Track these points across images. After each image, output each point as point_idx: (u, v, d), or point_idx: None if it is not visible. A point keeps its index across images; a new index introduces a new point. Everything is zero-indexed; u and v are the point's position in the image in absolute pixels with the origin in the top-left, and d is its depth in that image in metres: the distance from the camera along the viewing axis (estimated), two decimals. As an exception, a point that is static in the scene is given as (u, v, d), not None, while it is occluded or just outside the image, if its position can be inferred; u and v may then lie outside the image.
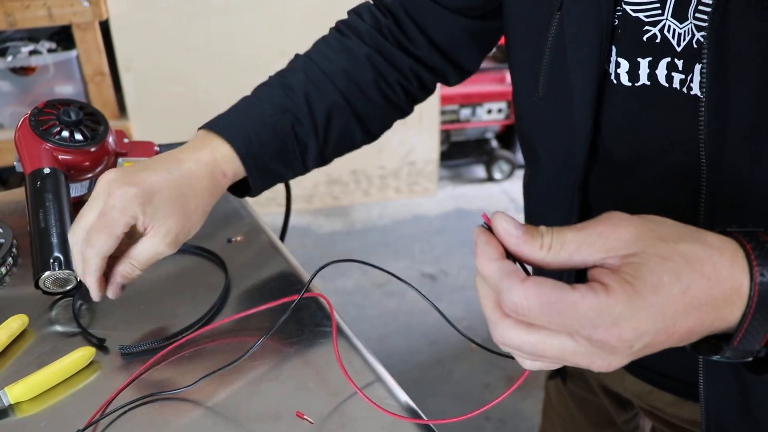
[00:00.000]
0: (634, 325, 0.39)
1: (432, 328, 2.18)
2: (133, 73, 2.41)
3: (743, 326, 0.41)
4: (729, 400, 0.61)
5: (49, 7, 2.13)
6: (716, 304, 0.41)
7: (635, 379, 0.75)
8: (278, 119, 0.72)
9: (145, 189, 0.63)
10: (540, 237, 0.41)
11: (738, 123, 0.51)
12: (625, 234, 0.41)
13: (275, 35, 2.47)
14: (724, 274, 0.41)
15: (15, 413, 0.60)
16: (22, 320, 0.69)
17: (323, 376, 0.64)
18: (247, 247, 0.84)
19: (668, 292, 0.39)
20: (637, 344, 0.40)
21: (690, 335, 0.41)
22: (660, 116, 0.58)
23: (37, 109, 0.83)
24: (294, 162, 0.76)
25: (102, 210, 0.63)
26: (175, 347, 0.67)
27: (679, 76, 0.55)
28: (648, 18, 0.56)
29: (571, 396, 0.90)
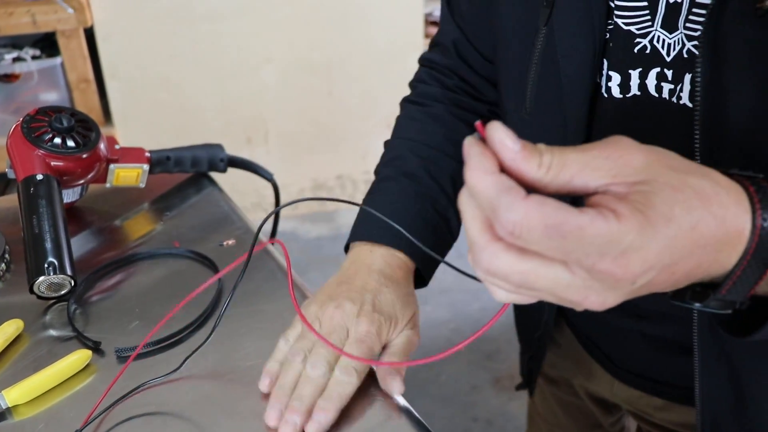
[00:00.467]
0: (644, 257, 0.36)
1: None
2: (118, 80, 2.41)
3: (736, 272, 0.40)
4: (724, 402, 0.62)
5: (33, 14, 2.13)
6: (718, 246, 0.39)
7: (625, 386, 0.76)
8: (420, 208, 0.71)
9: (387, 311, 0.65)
10: (539, 155, 0.37)
11: (734, 132, 0.50)
12: (634, 160, 0.37)
13: (261, 42, 2.48)
14: (730, 214, 0.38)
15: (13, 416, 0.61)
16: (18, 324, 0.69)
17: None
18: (238, 251, 0.85)
19: (679, 225, 0.37)
20: (641, 279, 0.37)
21: (687, 277, 0.39)
22: (650, 127, 0.58)
23: (29, 116, 0.84)
24: (445, 238, 0.74)
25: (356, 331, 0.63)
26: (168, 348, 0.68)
27: (668, 86, 0.56)
28: (639, 30, 0.56)
29: (556, 400, 0.91)
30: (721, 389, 0.61)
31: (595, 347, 0.79)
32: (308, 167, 2.78)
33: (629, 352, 0.75)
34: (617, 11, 0.57)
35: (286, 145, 2.70)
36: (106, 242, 0.87)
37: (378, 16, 2.57)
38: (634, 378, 0.75)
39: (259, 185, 2.68)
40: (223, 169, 1.01)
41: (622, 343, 0.75)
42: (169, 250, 0.84)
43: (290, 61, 2.55)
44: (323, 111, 2.62)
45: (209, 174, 1.02)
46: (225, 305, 0.66)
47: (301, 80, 2.60)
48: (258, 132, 2.65)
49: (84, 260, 0.82)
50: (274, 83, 2.57)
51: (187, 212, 0.94)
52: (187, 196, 0.97)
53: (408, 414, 0.62)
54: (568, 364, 0.85)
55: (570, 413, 0.90)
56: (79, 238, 0.87)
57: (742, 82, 0.49)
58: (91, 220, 0.91)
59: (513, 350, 2.11)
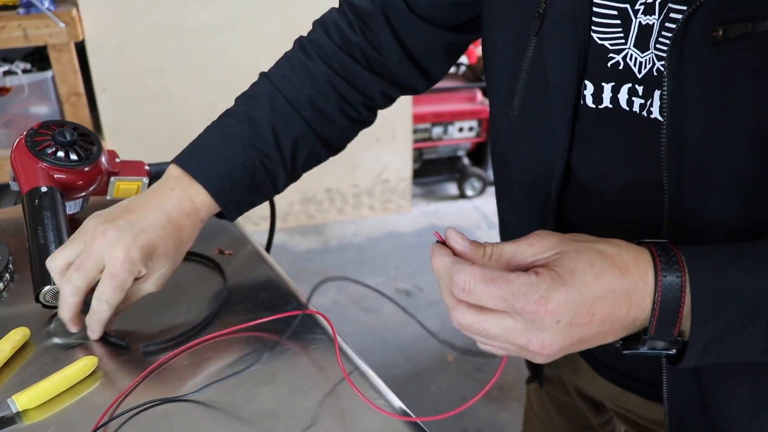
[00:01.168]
0: (557, 298, 0.48)
1: (408, 343, 2.22)
2: (109, 94, 2.43)
3: (654, 315, 0.50)
4: (689, 401, 0.65)
5: (24, 28, 2.15)
6: (628, 290, 0.50)
7: (605, 381, 0.79)
8: (247, 157, 0.77)
9: (148, 249, 0.70)
10: (483, 248, 0.52)
11: (692, 145, 0.56)
12: (548, 242, 0.51)
13: (251, 55, 2.51)
14: (630, 265, 0.50)
15: (23, 420, 0.63)
16: (24, 332, 0.71)
17: (316, 380, 0.68)
18: (236, 260, 0.87)
19: (583, 275, 0.49)
20: (562, 318, 0.48)
21: (612, 320, 0.50)
22: (623, 137, 0.62)
23: (33, 130, 0.86)
24: (265, 190, 0.81)
25: (111, 265, 0.68)
26: (178, 353, 0.70)
27: (638, 100, 0.60)
28: (612, 46, 0.61)
29: (551, 399, 0.94)
30: (687, 388, 0.65)
31: None
32: (297, 181, 2.81)
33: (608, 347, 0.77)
34: (593, 26, 0.61)
35: (276, 158, 2.73)
36: (107, 253, 0.89)
37: (366, 32, 2.61)
38: (613, 373, 0.78)
39: (248, 198, 2.71)
40: (220, 182, 1.03)
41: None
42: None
43: (280, 75, 2.58)
44: (312, 125, 2.66)
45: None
46: (266, 354, 0.68)
47: (290, 94, 2.63)
48: (247, 145, 2.68)
49: (86, 270, 0.84)
50: (264, 97, 2.60)
51: (186, 224, 0.96)
52: (186, 208, 0.99)
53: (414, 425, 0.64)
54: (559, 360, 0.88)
55: (563, 413, 0.92)
56: (80, 248, 0.88)
57: (697, 101, 0.54)
58: (91, 232, 0.93)
59: (501, 361, 2.13)
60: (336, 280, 0.77)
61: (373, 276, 2.51)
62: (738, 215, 0.56)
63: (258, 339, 0.73)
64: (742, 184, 0.55)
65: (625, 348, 0.53)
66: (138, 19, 2.35)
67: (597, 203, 0.68)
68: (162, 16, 2.37)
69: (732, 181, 0.55)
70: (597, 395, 0.83)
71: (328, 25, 0.83)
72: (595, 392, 0.83)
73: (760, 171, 0.54)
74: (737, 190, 0.55)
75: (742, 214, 0.56)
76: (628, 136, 0.62)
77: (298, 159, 0.81)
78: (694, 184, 0.57)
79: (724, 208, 0.56)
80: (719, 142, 0.54)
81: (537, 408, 0.97)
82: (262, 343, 0.72)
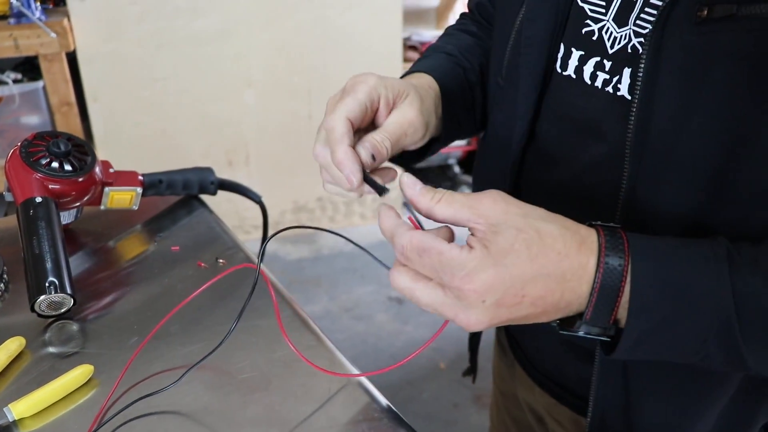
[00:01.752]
0: (483, 278, 0.47)
1: (400, 350, 2.22)
2: (100, 104, 2.44)
3: (591, 301, 0.49)
4: (615, 400, 0.65)
5: (15, 38, 2.15)
6: (564, 276, 0.49)
7: (542, 391, 0.79)
8: (453, 67, 0.76)
9: (382, 77, 0.63)
10: (433, 192, 0.51)
11: (659, 126, 0.55)
12: (497, 207, 0.49)
13: (242, 66, 2.53)
14: (572, 250, 0.49)
15: (19, 429, 0.63)
16: (20, 341, 0.72)
17: (310, 386, 0.69)
18: (230, 267, 0.88)
19: (516, 256, 0.48)
20: (488, 298, 0.47)
21: (544, 303, 0.49)
22: (586, 111, 0.61)
23: (27, 141, 0.87)
24: (469, 109, 0.77)
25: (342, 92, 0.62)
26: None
27: (603, 75, 0.59)
28: (591, 12, 0.60)
29: (508, 414, 0.93)
30: (614, 391, 0.65)
31: (518, 348, 0.83)
32: (289, 190, 2.81)
33: (544, 354, 0.78)
34: None
35: (267, 167, 2.74)
36: (101, 262, 0.90)
37: (358, 41, 2.63)
38: (547, 381, 0.78)
39: (240, 208, 2.71)
40: (213, 192, 1.04)
41: (539, 343, 0.78)
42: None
43: (271, 85, 2.59)
44: (303, 134, 2.67)
45: (199, 196, 1.06)
46: (233, 327, 0.69)
47: (281, 104, 2.64)
48: (239, 155, 2.68)
49: (80, 280, 0.85)
50: (255, 107, 2.61)
51: (179, 233, 0.97)
52: (179, 218, 1.01)
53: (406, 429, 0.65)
54: (507, 372, 0.89)
55: (518, 427, 0.92)
56: (74, 258, 0.89)
57: (669, 83, 0.53)
58: (85, 241, 0.94)
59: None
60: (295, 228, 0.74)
61: (364, 284, 2.52)
62: (691, 211, 0.55)
63: (252, 342, 0.74)
64: (700, 178, 0.54)
65: (561, 329, 0.53)
66: (129, 29, 2.36)
67: (556, 177, 0.66)
68: (153, 25, 2.38)
69: (691, 174, 0.54)
70: (537, 406, 0.83)
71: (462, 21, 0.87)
72: (535, 402, 0.82)
73: (721, 163, 0.53)
74: (694, 184, 0.54)
75: (697, 209, 0.55)
76: (592, 110, 0.61)
77: (486, 82, 0.80)
78: (653, 169, 0.56)
79: (678, 201, 0.56)
80: (687, 127, 0.53)
81: (496, 422, 0.98)
82: (256, 349, 0.73)
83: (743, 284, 0.49)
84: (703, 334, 0.50)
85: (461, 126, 0.77)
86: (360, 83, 0.61)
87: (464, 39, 0.82)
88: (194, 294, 0.74)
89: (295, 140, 2.70)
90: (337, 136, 0.58)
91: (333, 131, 0.58)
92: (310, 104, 2.66)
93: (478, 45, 0.82)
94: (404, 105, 0.62)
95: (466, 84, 0.77)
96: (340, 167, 0.57)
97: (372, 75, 0.62)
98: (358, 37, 2.62)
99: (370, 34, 2.63)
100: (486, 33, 0.84)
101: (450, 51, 0.79)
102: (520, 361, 0.82)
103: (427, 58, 0.77)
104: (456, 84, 0.74)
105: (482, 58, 0.80)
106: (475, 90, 0.78)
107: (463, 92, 0.76)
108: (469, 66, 0.78)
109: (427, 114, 0.65)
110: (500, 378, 0.93)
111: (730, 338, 0.50)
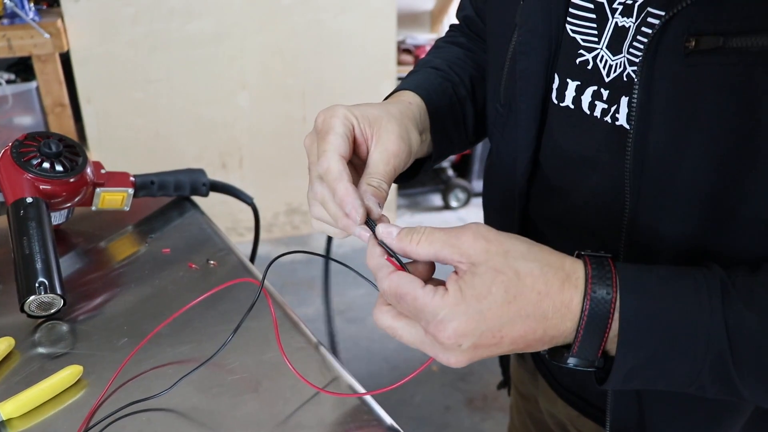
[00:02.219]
0: (455, 327, 0.47)
1: (393, 353, 2.23)
2: (94, 105, 2.43)
3: (578, 336, 0.49)
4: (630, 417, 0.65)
5: (8, 39, 2.15)
6: (545, 316, 0.48)
7: (564, 403, 0.79)
8: (442, 83, 0.75)
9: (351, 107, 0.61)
10: (412, 235, 0.51)
11: (655, 154, 0.55)
12: (477, 245, 0.49)
13: (235, 69, 2.53)
14: (554, 289, 0.48)
15: (7, 429, 0.63)
16: (9, 342, 0.72)
17: (299, 387, 0.69)
18: (221, 270, 0.88)
19: (493, 300, 0.47)
20: (463, 342, 0.48)
21: (525, 341, 0.49)
22: (586, 141, 0.61)
23: (18, 141, 0.86)
24: (459, 123, 0.77)
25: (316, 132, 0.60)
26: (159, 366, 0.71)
27: (601, 105, 0.59)
28: (584, 42, 0.60)
29: (529, 416, 0.94)
30: (628, 407, 0.65)
31: (540, 361, 0.83)
32: (282, 192, 2.82)
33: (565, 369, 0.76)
34: (569, 17, 0.61)
35: (261, 170, 2.74)
36: (92, 263, 0.90)
37: (352, 44, 2.63)
38: (571, 396, 0.78)
39: (234, 209, 2.71)
40: (205, 193, 1.04)
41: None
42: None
43: (265, 87, 2.60)
44: (297, 137, 2.67)
45: (191, 198, 1.06)
46: (229, 338, 0.69)
47: (275, 106, 2.64)
48: (233, 157, 2.68)
49: (70, 280, 0.85)
50: (249, 109, 2.61)
51: (171, 234, 0.97)
52: (170, 219, 1.01)
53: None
54: (528, 378, 0.89)
55: (539, 430, 0.92)
56: (65, 259, 0.89)
57: (664, 112, 0.53)
58: (76, 242, 0.94)
59: (485, 371, 2.15)
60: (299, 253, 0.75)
61: (357, 287, 2.52)
62: (694, 235, 0.55)
63: (242, 344, 0.74)
64: (700, 203, 0.54)
65: (551, 359, 0.53)
66: (124, 31, 2.36)
67: (561, 205, 0.66)
68: (148, 28, 2.38)
69: (690, 199, 0.54)
70: (560, 416, 0.83)
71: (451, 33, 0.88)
72: (558, 413, 0.83)
73: (719, 191, 0.52)
74: (695, 209, 0.54)
75: (698, 234, 0.55)
76: (592, 140, 0.61)
77: (477, 99, 0.79)
78: (653, 198, 0.56)
79: (680, 226, 0.55)
80: (682, 156, 0.53)
81: (518, 424, 0.98)
82: (246, 351, 0.73)
83: (737, 319, 0.48)
84: (696, 368, 0.50)
85: (452, 142, 0.76)
86: (331, 117, 0.59)
87: (453, 51, 0.82)
88: (196, 300, 0.74)
89: (289, 143, 2.70)
90: (335, 175, 0.56)
91: (329, 172, 0.57)
92: (305, 107, 2.67)
93: (468, 57, 0.82)
94: (383, 136, 0.60)
95: (456, 99, 0.76)
96: (342, 205, 0.56)
97: (339, 107, 0.60)
98: (352, 40, 2.63)
99: (364, 37, 2.64)
100: (476, 45, 0.84)
101: (438, 65, 0.78)
102: (543, 374, 0.82)
103: (415, 74, 0.77)
104: (445, 100, 0.74)
105: (473, 70, 0.80)
106: (465, 104, 0.77)
107: (452, 107, 0.76)
108: (458, 80, 0.78)
109: (407, 137, 0.63)
110: (520, 381, 0.93)
111: (723, 372, 0.49)
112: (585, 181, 0.63)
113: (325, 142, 0.58)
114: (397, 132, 0.61)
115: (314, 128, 0.61)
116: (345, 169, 0.57)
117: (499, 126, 0.72)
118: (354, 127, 0.60)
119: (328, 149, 0.57)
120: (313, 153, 0.60)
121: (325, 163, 0.57)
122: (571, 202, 0.65)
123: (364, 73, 2.69)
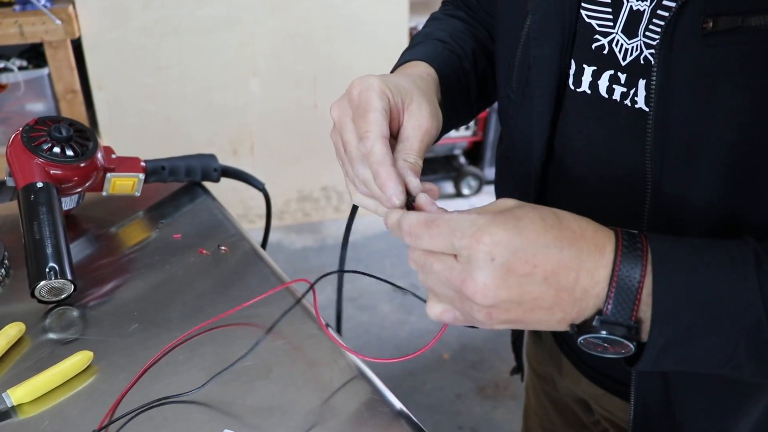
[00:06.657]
0: (492, 233, 0.46)
1: (404, 341, 2.22)
2: (105, 91, 2.43)
3: (611, 290, 0.47)
4: (655, 396, 0.64)
5: (20, 25, 2.14)
6: (580, 254, 0.47)
7: (589, 382, 0.79)
8: (449, 55, 0.75)
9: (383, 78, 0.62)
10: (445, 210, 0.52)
11: (677, 137, 0.55)
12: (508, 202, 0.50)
13: (247, 54, 2.51)
14: (588, 233, 0.48)
15: (18, 414, 0.63)
16: (20, 327, 0.71)
17: (310, 375, 0.68)
18: (233, 257, 0.88)
19: (531, 222, 0.47)
20: (497, 256, 0.46)
21: (557, 283, 0.47)
22: (604, 125, 0.61)
23: (29, 126, 0.86)
24: (464, 97, 0.77)
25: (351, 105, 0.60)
26: (172, 347, 0.70)
27: (620, 89, 0.59)
28: (599, 27, 0.59)
29: (546, 396, 0.94)
30: (653, 385, 0.64)
31: (563, 341, 0.82)
32: (294, 179, 2.81)
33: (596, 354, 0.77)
34: (584, 3, 0.60)
35: (272, 156, 2.73)
36: (103, 249, 0.90)
37: (363, 30, 2.61)
38: (595, 374, 0.77)
39: (245, 196, 2.71)
40: (216, 179, 1.04)
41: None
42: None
43: (276, 73, 2.58)
44: (308, 123, 2.66)
45: (202, 183, 1.05)
46: (262, 339, 0.68)
47: (286, 93, 2.63)
48: (244, 144, 2.67)
49: (81, 266, 0.84)
50: (260, 96, 2.60)
51: (182, 220, 0.96)
52: (181, 205, 1.00)
53: (407, 419, 0.65)
54: (546, 358, 0.88)
55: (558, 409, 0.93)
56: (75, 244, 0.89)
57: (684, 93, 0.53)
58: (87, 228, 0.93)
59: (497, 359, 2.14)
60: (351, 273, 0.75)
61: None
62: (721, 203, 0.54)
63: (251, 330, 0.73)
64: (725, 173, 0.53)
65: (580, 334, 0.49)
66: (135, 17, 2.35)
67: (580, 189, 0.66)
68: (159, 13, 2.37)
69: (715, 170, 0.53)
70: (583, 395, 0.83)
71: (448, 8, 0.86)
72: (581, 392, 0.83)
73: (743, 167, 0.52)
74: (720, 178, 0.54)
75: (726, 201, 0.54)
76: (611, 124, 0.61)
77: (479, 70, 0.79)
78: (678, 174, 0.56)
79: (707, 195, 0.55)
80: (705, 134, 0.53)
81: (535, 404, 0.98)
82: (256, 336, 0.72)
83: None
84: (732, 340, 0.48)
85: (458, 114, 0.77)
86: (368, 90, 0.59)
87: (454, 24, 0.82)
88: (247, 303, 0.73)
89: (300, 129, 2.69)
90: (379, 158, 0.57)
91: (373, 154, 0.57)
92: (316, 93, 2.65)
93: (469, 31, 0.81)
94: (415, 112, 0.61)
95: (461, 72, 0.76)
96: (384, 189, 0.56)
97: (373, 78, 0.60)
98: (364, 25, 2.60)
99: (376, 23, 2.62)
100: (474, 19, 0.83)
101: (443, 38, 0.77)
102: (566, 353, 0.82)
103: (421, 45, 0.76)
104: (452, 73, 0.74)
105: (474, 44, 0.80)
106: (470, 77, 0.77)
107: (459, 81, 0.75)
108: (462, 53, 0.77)
109: (436, 115, 0.64)
110: (536, 362, 0.93)
111: (761, 343, 0.48)
112: (604, 164, 0.62)
113: (365, 121, 0.58)
114: (429, 110, 0.62)
115: (348, 99, 0.61)
116: (388, 152, 0.57)
117: (513, 113, 0.71)
118: (390, 100, 0.60)
119: (372, 130, 0.57)
120: (347, 129, 0.60)
121: (369, 145, 0.57)
122: (590, 187, 0.65)
123: (376, 59, 2.67)
